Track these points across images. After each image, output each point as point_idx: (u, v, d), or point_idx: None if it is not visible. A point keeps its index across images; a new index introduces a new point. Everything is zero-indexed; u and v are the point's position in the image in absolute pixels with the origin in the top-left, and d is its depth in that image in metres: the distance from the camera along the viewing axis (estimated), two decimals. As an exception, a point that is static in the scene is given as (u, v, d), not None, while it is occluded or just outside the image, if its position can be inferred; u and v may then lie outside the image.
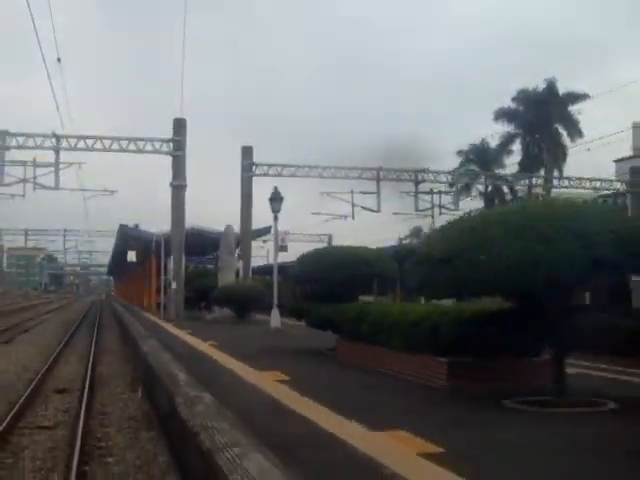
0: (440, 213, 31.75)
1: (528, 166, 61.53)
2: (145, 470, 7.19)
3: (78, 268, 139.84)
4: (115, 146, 25.79)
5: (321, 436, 5.33)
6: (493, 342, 6.78)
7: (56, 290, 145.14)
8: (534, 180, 61.15)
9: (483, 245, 5.80)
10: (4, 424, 8.89)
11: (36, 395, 12.05)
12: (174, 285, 26.03)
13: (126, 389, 12.74)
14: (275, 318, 18.34)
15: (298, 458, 4.61)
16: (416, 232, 79.22)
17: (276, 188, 18.70)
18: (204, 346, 14.01)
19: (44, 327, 32.62)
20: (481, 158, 67.68)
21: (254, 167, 29.53)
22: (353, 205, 30.74)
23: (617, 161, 41.04)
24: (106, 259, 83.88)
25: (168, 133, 27.25)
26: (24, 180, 25.66)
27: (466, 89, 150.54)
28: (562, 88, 60.60)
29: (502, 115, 62.99)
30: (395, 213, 30.89)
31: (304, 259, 12.48)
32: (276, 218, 18.74)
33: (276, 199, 18.38)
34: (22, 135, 24.99)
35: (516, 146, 63.91)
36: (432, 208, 31.65)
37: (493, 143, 66.43)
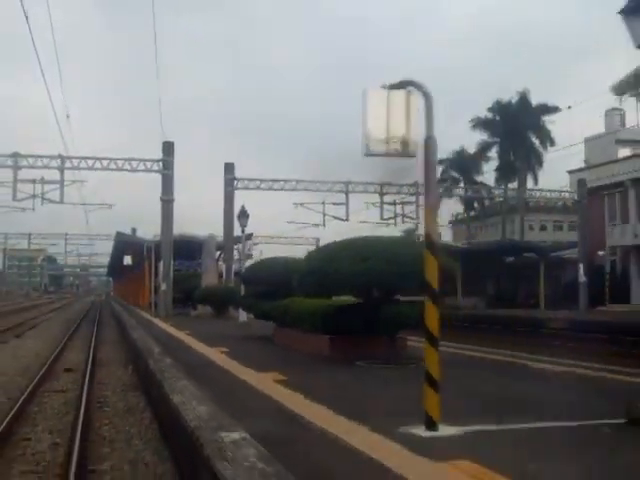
0: (403, 221, 35.65)
1: (504, 173, 65.74)
2: (130, 411, 10.96)
3: (78, 269, 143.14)
4: (112, 165, 29.70)
5: (228, 376, 9.25)
6: (353, 325, 10.62)
7: (56, 291, 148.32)
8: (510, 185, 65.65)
9: (332, 262, 9.60)
10: (28, 390, 12.68)
11: (49, 373, 15.70)
12: (163, 286, 29.90)
13: (120, 368, 16.46)
14: (242, 314, 22.17)
15: (208, 382, 8.49)
16: (409, 233, 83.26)
17: (243, 206, 22.58)
18: (180, 334, 17.94)
19: (49, 324, 36.27)
20: (461, 165, 71.82)
21: (235, 182, 33.40)
22: (324, 215, 34.66)
23: (570, 172, 44.86)
24: (105, 260, 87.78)
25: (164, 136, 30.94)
26: (33, 196, 29.59)
27: (466, 89, 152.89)
28: (537, 99, 64.82)
29: (479, 124, 67.26)
30: (361, 222, 34.65)
31: (251, 267, 16.34)
32: (243, 231, 22.63)
33: (243, 215, 22.25)
34: (31, 156, 28.89)
35: (493, 153, 68.12)
36: (395, 217, 35.50)
37: (472, 151, 70.64)
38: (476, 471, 4.21)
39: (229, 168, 33.76)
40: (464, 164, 70.34)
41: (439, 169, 67.64)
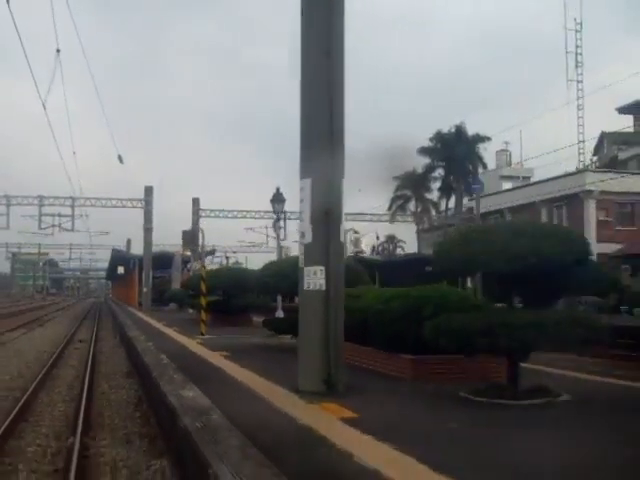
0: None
1: (446, 192, 77.73)
2: (115, 353, 22.84)
3: (78, 272, 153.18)
4: (109, 204, 41.71)
5: (155, 328, 21.13)
6: (221, 308, 22.42)
7: (57, 293, 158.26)
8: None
9: (208, 279, 21.40)
10: (60, 347, 24.46)
11: (69, 342, 27.49)
12: (145, 290, 41.77)
13: (113, 340, 28.24)
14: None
15: (146, 331, 20.36)
16: (390, 238, 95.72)
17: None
18: (148, 319, 29.85)
19: (60, 319, 47.71)
20: (412, 183, 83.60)
21: (201, 212, 45.28)
22: (267, 235, 46.59)
23: (469, 199, 56.69)
24: (103, 264, 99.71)
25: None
26: (53, 225, 41.57)
27: (466, 90, 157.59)
28: (472, 130, 77.06)
29: (423, 151, 79.03)
30: (294, 241, 46.47)
31: (187, 279, 28.16)
32: (194, 251, 34.44)
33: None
34: (52, 197, 40.91)
35: (439, 173, 79.88)
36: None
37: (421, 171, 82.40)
38: (200, 341, 16.05)
39: (196, 202, 45.66)
40: (415, 183, 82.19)
41: (394, 186, 79.43)
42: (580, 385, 8.51)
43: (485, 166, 73.39)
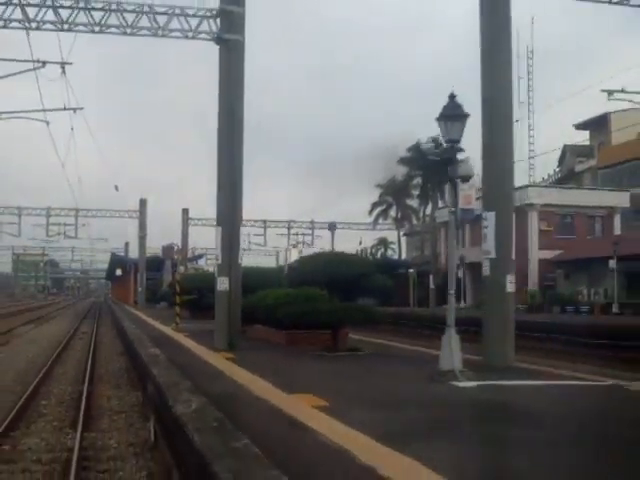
0: (303, 245, 53.35)
1: (424, 198, 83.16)
2: (113, 343, 28.58)
3: (79, 272, 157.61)
4: (107, 214, 47.44)
5: (141, 319, 26.83)
6: (195, 305, 28.05)
7: (58, 293, 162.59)
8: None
9: (185, 281, 26.99)
10: (65, 340, 30.14)
11: (74, 334, 33.21)
12: (140, 289, 47.46)
13: (110, 332, 33.92)
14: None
15: (135, 321, 26.06)
16: (382, 241, 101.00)
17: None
18: (140, 314, 35.52)
19: (64, 317, 53.47)
20: (394, 190, 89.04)
21: (190, 221, 50.90)
22: (249, 242, 52.28)
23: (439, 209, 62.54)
24: (103, 265, 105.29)
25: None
26: (59, 233, 47.33)
27: (467, 91, 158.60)
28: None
29: (401, 162, 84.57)
30: (274, 247, 52.18)
31: (170, 281, 33.94)
32: (174, 259, 40.23)
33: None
34: (58, 209, 46.59)
35: (418, 181, 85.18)
36: (298, 243, 53.19)
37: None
38: (173, 327, 21.69)
39: (185, 212, 51.32)
40: (396, 190, 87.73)
41: (376, 193, 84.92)
42: (382, 348, 14.25)
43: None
